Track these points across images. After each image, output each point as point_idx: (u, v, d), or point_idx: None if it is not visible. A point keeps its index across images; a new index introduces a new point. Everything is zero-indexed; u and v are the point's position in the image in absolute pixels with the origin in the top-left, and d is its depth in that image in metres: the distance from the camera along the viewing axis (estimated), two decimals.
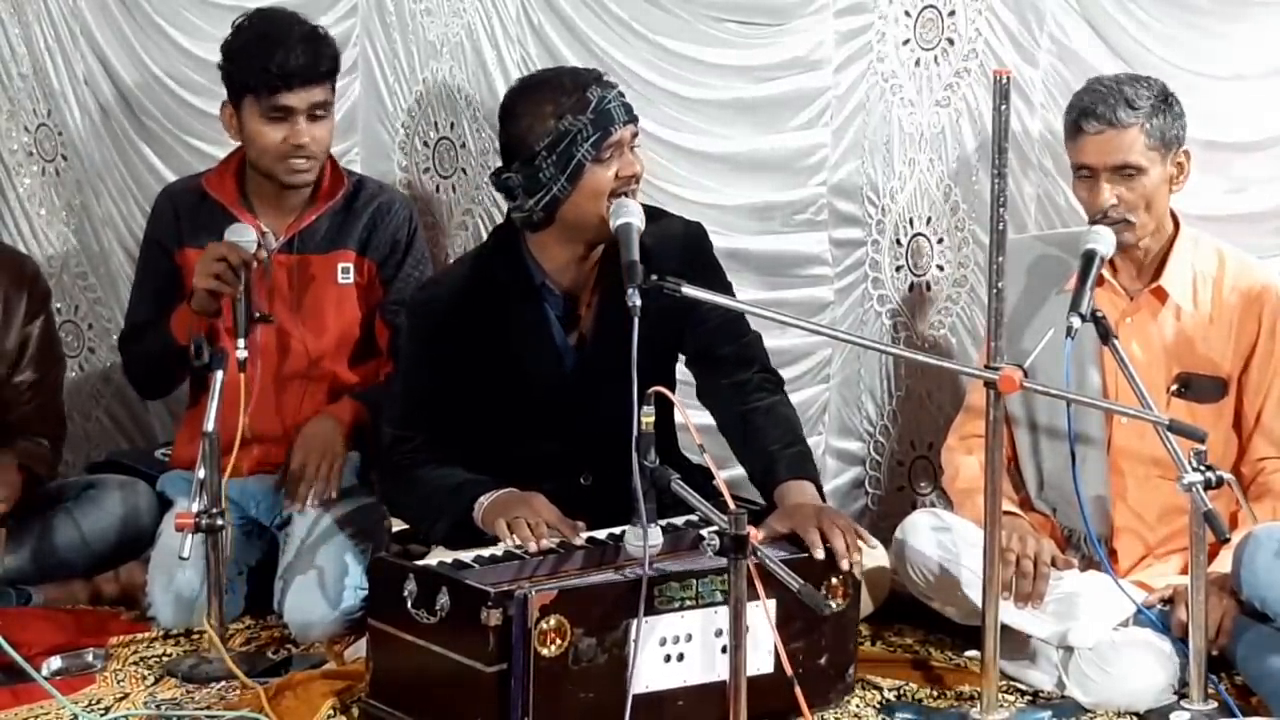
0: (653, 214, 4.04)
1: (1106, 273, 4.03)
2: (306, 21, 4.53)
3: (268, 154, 4.48)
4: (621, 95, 3.95)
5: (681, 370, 4.22)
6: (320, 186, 4.60)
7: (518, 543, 3.78)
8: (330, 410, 4.55)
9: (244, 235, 4.31)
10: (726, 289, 4.11)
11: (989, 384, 3.64)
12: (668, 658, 3.58)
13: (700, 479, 3.67)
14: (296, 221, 4.57)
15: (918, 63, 4.57)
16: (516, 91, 4.05)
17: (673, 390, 4.02)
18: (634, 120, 3.95)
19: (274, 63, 4.40)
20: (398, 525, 4.41)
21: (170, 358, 4.47)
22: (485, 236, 4.74)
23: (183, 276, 4.54)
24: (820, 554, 3.72)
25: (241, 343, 4.15)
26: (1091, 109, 3.94)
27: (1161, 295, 4.07)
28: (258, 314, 4.33)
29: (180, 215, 4.61)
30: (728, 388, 4.13)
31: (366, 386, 4.62)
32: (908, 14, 4.56)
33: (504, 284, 4.04)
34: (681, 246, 4.08)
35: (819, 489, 4.01)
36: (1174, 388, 4.06)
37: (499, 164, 3.94)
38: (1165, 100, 3.98)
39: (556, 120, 3.88)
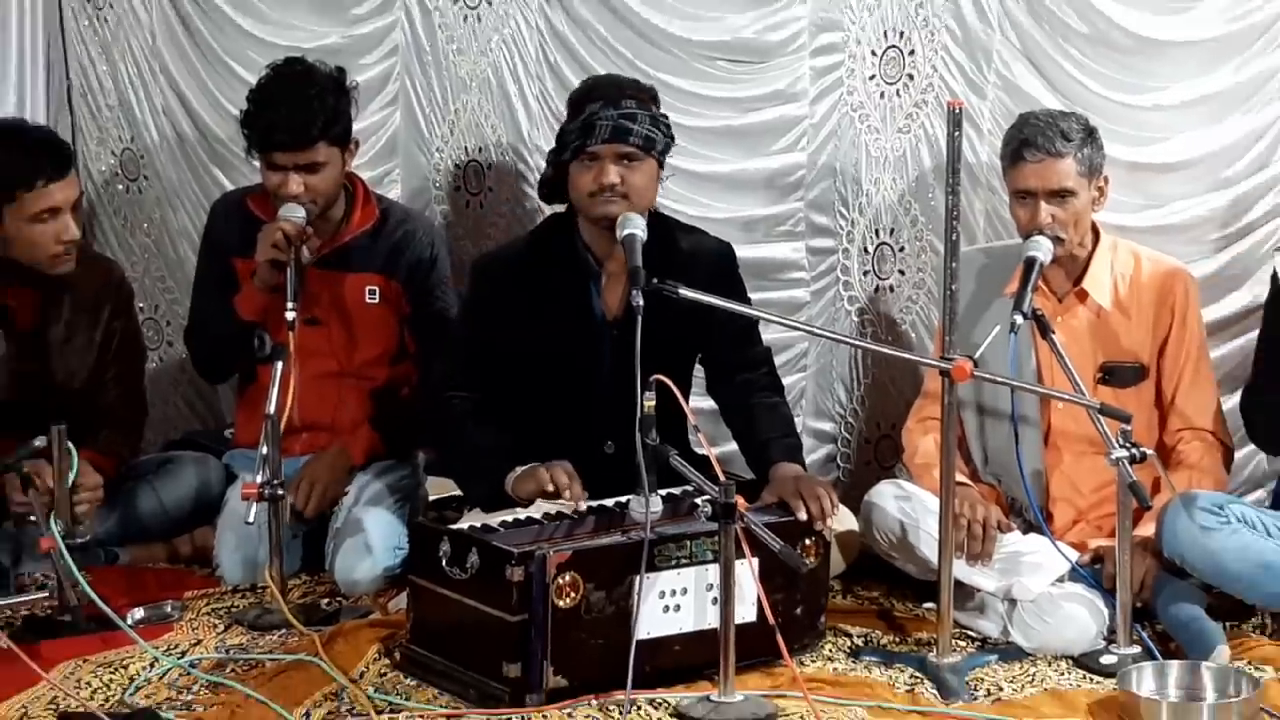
0: (689, 229, 4.22)
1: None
2: (315, 82, 4.37)
3: (270, 194, 4.42)
4: (622, 120, 3.91)
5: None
6: (353, 213, 4.56)
7: (555, 489, 3.83)
8: (349, 442, 4.53)
9: (294, 213, 4.32)
10: (746, 303, 4.15)
11: (944, 373, 3.68)
12: (666, 608, 3.61)
13: (704, 469, 3.63)
14: (331, 240, 4.54)
15: (882, 95, 4.62)
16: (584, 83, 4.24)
17: (689, 385, 4.10)
18: (622, 141, 3.91)
19: (263, 130, 4.35)
20: (434, 495, 4.44)
21: (236, 337, 4.48)
22: None
23: (236, 278, 4.51)
24: (803, 515, 3.78)
25: (291, 304, 4.16)
26: (1032, 140, 4.00)
27: (1083, 296, 4.13)
28: (307, 317, 4.33)
29: (235, 227, 4.55)
30: (737, 384, 4.19)
31: (398, 388, 4.63)
32: (874, 53, 4.61)
33: (555, 255, 4.08)
34: (713, 262, 4.17)
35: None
36: (1099, 376, 4.10)
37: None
38: (1091, 134, 4.06)
39: (570, 119, 4.03)
